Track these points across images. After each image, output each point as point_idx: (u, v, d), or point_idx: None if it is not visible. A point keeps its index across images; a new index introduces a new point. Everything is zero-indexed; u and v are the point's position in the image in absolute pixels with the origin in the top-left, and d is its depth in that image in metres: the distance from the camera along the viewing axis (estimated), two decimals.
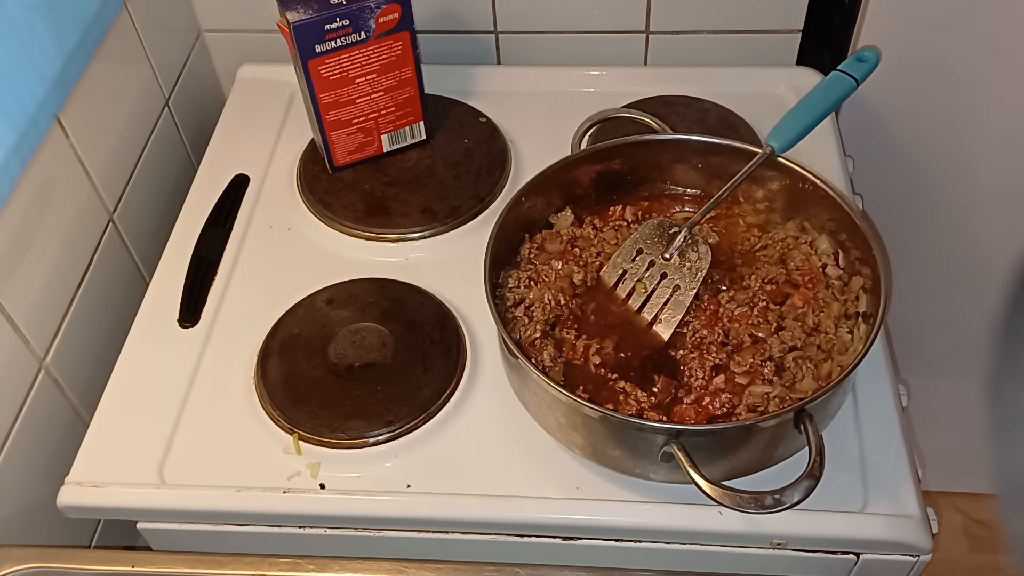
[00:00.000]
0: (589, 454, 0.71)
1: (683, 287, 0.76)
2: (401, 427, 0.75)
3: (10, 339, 0.76)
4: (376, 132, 0.94)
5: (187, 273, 0.88)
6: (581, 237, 0.82)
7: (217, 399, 0.79)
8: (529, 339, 0.75)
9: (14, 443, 0.76)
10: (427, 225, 0.90)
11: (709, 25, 1.05)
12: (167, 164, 1.04)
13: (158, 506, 0.73)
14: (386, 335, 0.80)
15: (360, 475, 0.74)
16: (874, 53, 0.82)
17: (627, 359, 0.75)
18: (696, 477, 0.63)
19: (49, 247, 0.81)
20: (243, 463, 0.74)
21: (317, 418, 0.75)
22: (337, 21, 0.84)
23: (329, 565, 0.64)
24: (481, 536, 0.74)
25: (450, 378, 0.78)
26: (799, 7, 1.03)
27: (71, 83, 0.83)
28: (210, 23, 1.11)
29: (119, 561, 0.66)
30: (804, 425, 0.65)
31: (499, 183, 0.93)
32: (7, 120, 0.73)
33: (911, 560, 0.72)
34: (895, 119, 1.07)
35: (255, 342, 0.81)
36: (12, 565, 0.65)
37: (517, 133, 0.99)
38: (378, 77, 0.90)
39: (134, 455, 0.75)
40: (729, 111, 0.98)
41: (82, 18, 0.84)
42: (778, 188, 0.82)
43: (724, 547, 0.73)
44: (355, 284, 0.85)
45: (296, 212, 0.93)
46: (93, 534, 0.85)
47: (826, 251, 0.79)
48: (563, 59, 1.08)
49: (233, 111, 1.04)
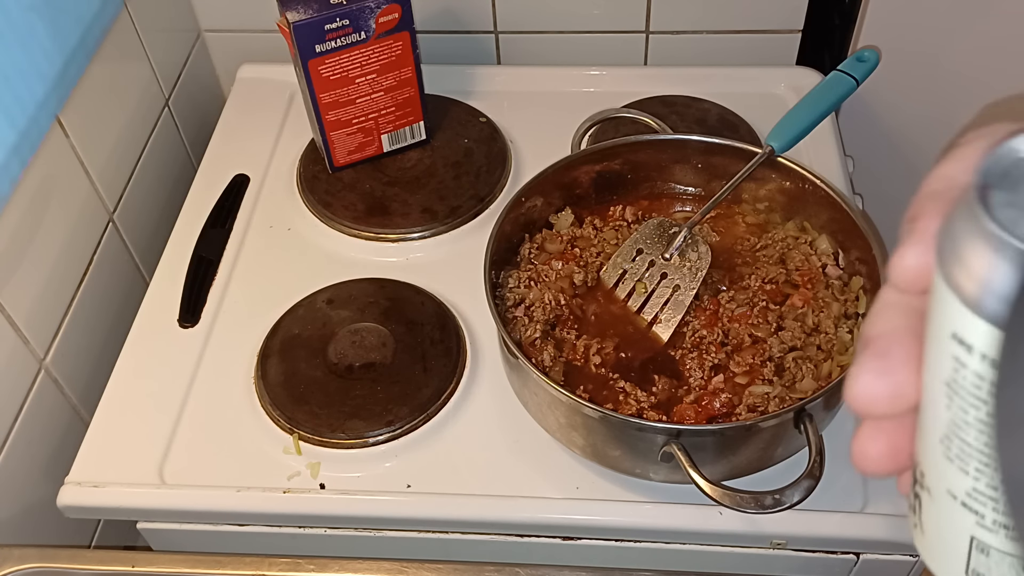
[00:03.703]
0: (589, 454, 0.71)
1: (683, 287, 0.76)
2: (401, 427, 0.75)
3: (10, 339, 0.76)
4: (376, 132, 0.94)
5: (187, 273, 0.88)
6: (581, 237, 0.82)
7: (217, 399, 0.79)
8: (529, 339, 0.75)
9: (14, 443, 0.76)
10: (427, 225, 0.90)
11: (709, 25, 1.05)
12: (167, 164, 1.04)
13: (158, 506, 0.73)
14: (386, 335, 0.80)
15: (360, 475, 0.74)
16: (874, 53, 0.82)
17: (627, 359, 0.75)
18: (696, 477, 0.63)
19: (49, 247, 0.81)
20: (243, 463, 0.74)
21: (317, 418, 0.75)
22: (337, 21, 0.84)
23: (329, 565, 0.64)
24: (481, 536, 0.74)
25: (450, 378, 0.78)
26: (799, 7, 1.03)
27: (71, 83, 0.83)
28: (210, 23, 1.11)
29: (119, 561, 0.66)
30: (804, 425, 0.65)
31: (499, 183, 0.93)
32: (7, 120, 0.73)
33: (911, 560, 0.72)
34: (895, 119, 1.07)
35: (255, 342, 0.81)
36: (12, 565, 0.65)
37: (517, 133, 0.99)
38: (378, 77, 0.90)
39: (134, 455, 0.75)
40: (729, 111, 0.98)
41: (82, 18, 0.84)
42: (778, 188, 0.82)
43: (724, 547, 0.73)
44: (355, 284, 0.85)
45: (296, 212, 0.93)
46: (93, 534, 0.85)
47: (826, 251, 0.79)
48: (563, 59, 1.08)
49: (233, 111, 1.04)
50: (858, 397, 0.26)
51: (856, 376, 0.26)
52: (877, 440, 0.27)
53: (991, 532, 0.25)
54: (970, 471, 0.24)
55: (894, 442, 0.27)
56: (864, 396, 0.26)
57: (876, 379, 0.26)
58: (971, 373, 0.23)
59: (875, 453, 0.27)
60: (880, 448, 0.27)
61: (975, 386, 0.23)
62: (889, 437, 0.27)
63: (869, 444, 0.27)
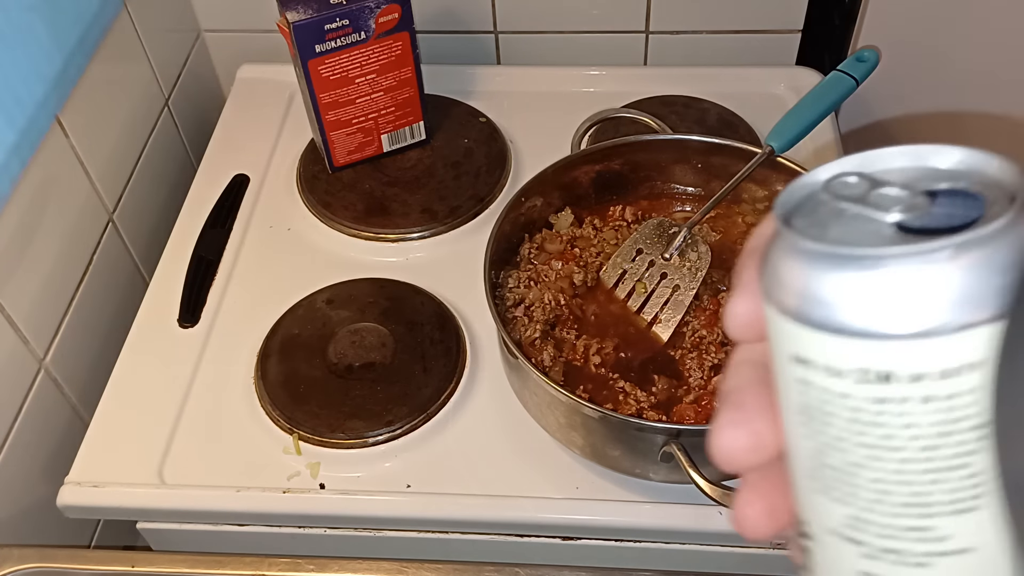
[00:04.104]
0: (589, 454, 0.71)
1: (683, 287, 0.76)
2: (401, 427, 0.75)
3: (10, 339, 0.76)
4: (376, 132, 0.94)
5: (187, 273, 0.88)
6: (581, 237, 0.82)
7: (217, 399, 0.79)
8: (529, 339, 0.75)
9: (14, 443, 0.76)
10: (427, 225, 0.90)
11: (709, 25, 1.05)
12: (167, 164, 1.04)
13: (158, 506, 0.73)
14: (386, 335, 0.80)
15: (360, 475, 0.74)
16: (874, 53, 0.82)
17: (627, 359, 0.75)
18: (696, 477, 0.63)
19: (49, 247, 0.81)
20: (243, 463, 0.74)
21: (317, 418, 0.75)
22: (337, 21, 0.84)
23: (329, 565, 0.64)
24: (481, 536, 0.74)
25: (450, 378, 0.78)
26: (799, 7, 1.03)
27: (71, 83, 0.83)
28: (210, 23, 1.11)
29: (119, 561, 0.66)
30: None
31: (499, 183, 0.93)
32: (7, 120, 0.73)
33: None
34: (895, 119, 1.07)
35: (255, 342, 0.81)
36: (12, 565, 0.65)
37: (517, 133, 0.99)
38: (378, 77, 0.90)
39: (134, 455, 0.75)
40: (729, 111, 0.98)
41: (82, 18, 0.84)
42: (778, 188, 0.82)
43: (724, 547, 0.73)
44: (355, 284, 0.85)
45: (296, 212, 0.93)
46: (93, 534, 0.85)
47: None
48: (563, 59, 1.08)
49: (233, 111, 1.04)
50: (720, 449, 0.27)
51: (717, 430, 0.27)
52: (753, 503, 0.27)
53: (876, 560, 0.24)
54: (842, 497, 0.24)
55: (770, 501, 0.27)
56: (726, 448, 0.27)
57: (735, 430, 0.26)
58: (817, 389, 0.23)
59: (753, 515, 0.27)
60: (757, 510, 0.27)
61: (823, 401, 0.23)
62: (764, 498, 0.27)
63: (747, 508, 0.28)
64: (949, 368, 0.21)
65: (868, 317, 0.21)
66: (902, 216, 0.22)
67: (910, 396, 0.21)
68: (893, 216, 0.22)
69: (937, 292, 0.21)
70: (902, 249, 0.21)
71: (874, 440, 0.22)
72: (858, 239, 0.22)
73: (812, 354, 0.23)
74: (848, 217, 0.23)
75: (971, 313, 0.21)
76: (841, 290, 0.22)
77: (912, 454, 0.22)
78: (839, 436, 0.23)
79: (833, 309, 0.22)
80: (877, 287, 0.21)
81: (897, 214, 0.22)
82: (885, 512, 0.23)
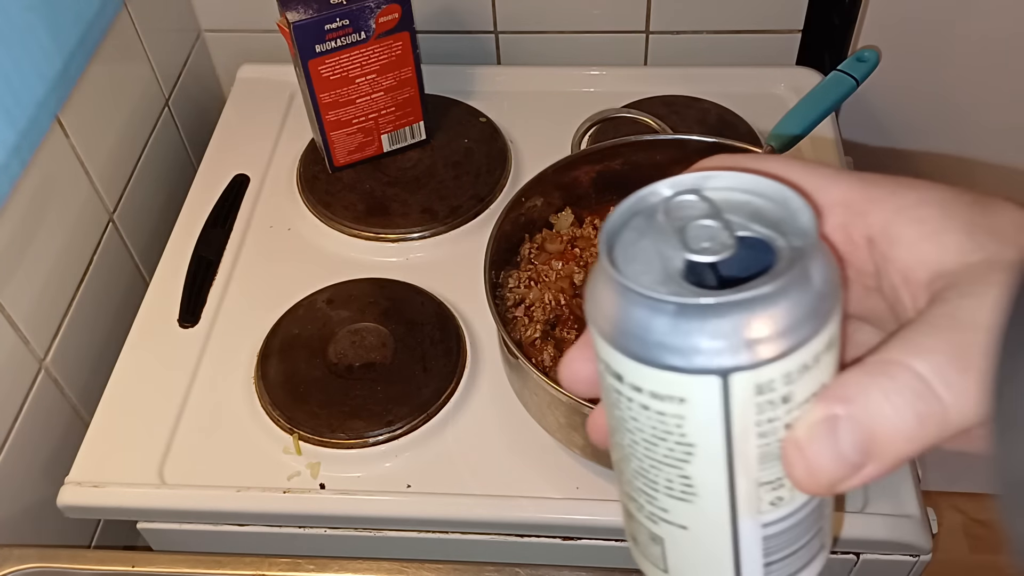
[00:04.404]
0: (589, 454, 0.71)
1: None
2: (401, 427, 0.75)
3: (10, 339, 0.76)
4: (376, 132, 0.94)
5: (187, 273, 0.88)
6: (581, 237, 0.82)
7: (217, 399, 0.79)
8: (529, 339, 0.75)
9: (14, 443, 0.76)
10: (427, 225, 0.90)
11: (709, 25, 1.05)
12: (167, 164, 1.04)
13: (158, 506, 0.73)
14: (386, 335, 0.80)
15: (360, 475, 0.74)
16: (874, 53, 0.82)
17: None
18: None
19: (49, 247, 0.81)
20: (243, 463, 0.74)
21: (317, 418, 0.75)
22: (337, 21, 0.84)
23: (329, 565, 0.64)
24: (481, 536, 0.74)
25: (450, 378, 0.78)
26: (799, 7, 1.03)
27: (71, 83, 0.83)
28: (210, 23, 1.11)
29: (119, 561, 0.66)
30: None
31: (499, 183, 0.93)
32: (7, 120, 0.73)
33: (911, 560, 0.72)
34: (895, 119, 1.07)
35: (255, 342, 0.81)
36: (12, 565, 0.65)
37: (517, 133, 0.99)
38: (378, 77, 0.90)
39: (134, 455, 0.75)
40: (729, 111, 0.98)
41: (82, 18, 0.84)
42: None
43: None
44: (355, 284, 0.85)
45: (296, 212, 0.93)
46: (93, 534, 0.85)
47: None
48: (563, 59, 1.08)
49: (233, 111, 1.04)
50: (564, 378, 0.33)
51: (563, 362, 0.33)
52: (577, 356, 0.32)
53: (629, 502, 0.32)
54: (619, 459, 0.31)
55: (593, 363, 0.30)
56: (567, 377, 0.33)
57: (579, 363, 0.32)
58: (605, 382, 0.29)
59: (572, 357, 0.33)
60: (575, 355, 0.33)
61: (606, 389, 0.29)
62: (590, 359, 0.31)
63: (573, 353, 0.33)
64: (658, 392, 0.27)
65: (620, 336, 0.27)
66: (694, 256, 0.27)
67: (634, 399, 0.27)
68: (687, 254, 0.27)
69: (660, 334, 0.26)
70: (657, 294, 0.26)
71: (622, 421, 0.29)
72: (647, 270, 0.27)
73: (602, 354, 0.28)
74: (652, 245, 0.27)
75: (677, 360, 0.26)
76: (612, 312, 0.27)
77: (641, 439, 0.29)
78: (620, 417, 0.29)
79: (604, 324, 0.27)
80: (630, 317, 0.26)
81: (691, 253, 0.27)
82: (630, 472, 0.30)
